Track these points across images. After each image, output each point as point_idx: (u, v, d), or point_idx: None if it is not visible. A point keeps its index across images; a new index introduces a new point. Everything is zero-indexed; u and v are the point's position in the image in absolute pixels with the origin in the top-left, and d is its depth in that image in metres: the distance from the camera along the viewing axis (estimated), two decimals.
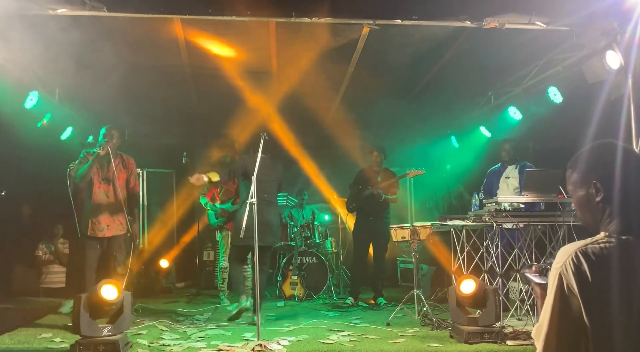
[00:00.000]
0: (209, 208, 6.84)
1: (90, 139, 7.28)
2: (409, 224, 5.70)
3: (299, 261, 7.17)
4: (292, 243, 7.45)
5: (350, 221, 7.47)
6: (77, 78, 6.30)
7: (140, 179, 8.39)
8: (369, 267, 6.94)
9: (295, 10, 4.46)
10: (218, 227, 6.85)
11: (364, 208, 6.71)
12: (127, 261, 5.37)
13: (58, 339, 4.40)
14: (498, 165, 6.35)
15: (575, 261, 1.50)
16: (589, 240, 1.57)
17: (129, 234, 5.49)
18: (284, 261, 7.33)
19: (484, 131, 7.81)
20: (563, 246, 1.63)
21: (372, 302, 6.63)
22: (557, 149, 5.97)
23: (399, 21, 4.67)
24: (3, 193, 8.18)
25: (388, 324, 5.06)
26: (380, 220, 6.66)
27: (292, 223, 7.99)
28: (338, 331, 4.77)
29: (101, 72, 6.18)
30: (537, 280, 1.81)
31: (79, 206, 5.59)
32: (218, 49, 5.77)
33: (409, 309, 5.51)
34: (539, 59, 6.04)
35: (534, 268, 1.93)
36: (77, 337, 3.93)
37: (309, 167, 8.83)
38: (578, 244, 1.55)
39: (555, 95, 6.03)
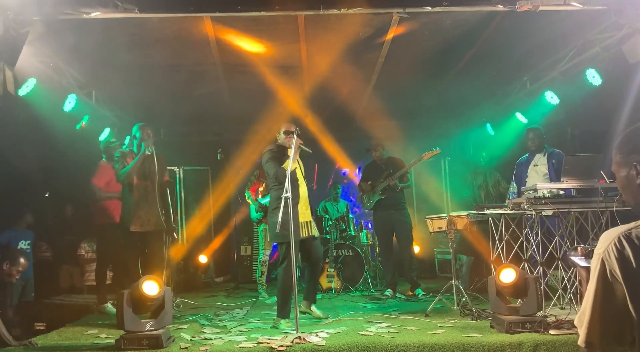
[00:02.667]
0: (250, 202, 6.96)
1: (127, 139, 7.49)
2: (445, 215, 5.64)
3: (334, 254, 7.18)
4: (328, 236, 7.46)
5: None
6: (113, 80, 6.47)
7: (177, 176, 8.56)
8: (398, 258, 6.88)
9: (324, 3, 4.44)
10: (257, 221, 6.94)
11: (382, 201, 6.67)
12: (164, 256, 5.49)
13: (103, 335, 4.52)
14: (526, 155, 6.26)
15: (618, 245, 1.45)
16: (632, 224, 1.51)
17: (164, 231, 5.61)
18: None
19: (520, 117, 7.64)
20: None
21: (410, 293, 6.59)
22: (597, 133, 5.81)
23: (429, 8, 4.60)
24: (47, 195, 8.45)
25: (427, 315, 5.02)
26: (399, 211, 6.64)
27: (327, 216, 8.01)
28: (376, 322, 4.76)
29: (135, 73, 6.32)
30: (583, 263, 1.77)
31: (108, 205, 5.77)
32: (248, 45, 5.80)
33: (448, 299, 5.46)
34: (576, 40, 5.86)
35: (579, 250, 1.88)
36: (122, 332, 4.02)
37: (342, 160, 8.83)
38: (621, 229, 1.50)
39: (594, 77, 5.84)
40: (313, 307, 5.22)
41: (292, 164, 4.68)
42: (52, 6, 4.23)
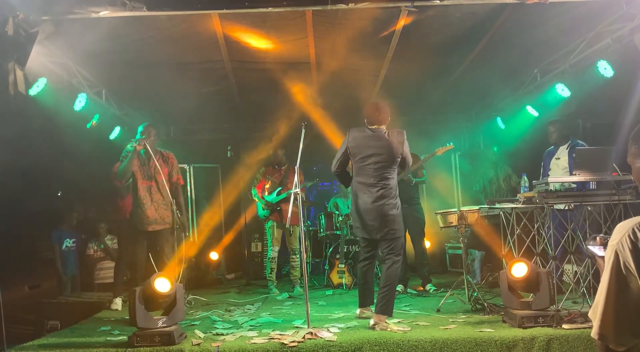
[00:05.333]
0: (257, 200, 6.97)
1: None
2: (455, 209, 5.61)
3: (345, 250, 7.17)
4: (338, 232, 7.46)
5: None
6: (122, 79, 6.51)
7: (187, 174, 8.60)
8: (411, 254, 6.86)
9: None
10: (265, 218, 6.95)
11: None
12: (174, 253, 5.53)
13: (116, 332, 4.56)
14: (552, 147, 6.19)
15: (632, 237, 1.44)
16: None
17: (177, 226, 5.64)
18: (331, 250, 7.36)
19: (531, 110, 7.58)
20: None
21: (421, 288, 6.57)
22: (609, 125, 5.74)
23: (438, 1, 4.57)
24: (59, 193, 8.51)
25: (438, 311, 5.01)
26: (412, 206, 6.59)
27: (337, 212, 8.00)
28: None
29: (145, 72, 6.35)
30: (601, 253, 1.75)
31: (127, 203, 5.81)
32: (256, 42, 5.80)
33: (459, 295, 5.44)
34: (587, 32, 5.79)
35: (598, 240, 1.85)
36: (134, 329, 4.05)
37: None
38: (635, 220, 1.48)
39: (605, 69, 5.77)
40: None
41: None
42: (61, 6, 4.26)
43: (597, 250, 1.77)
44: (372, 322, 4.36)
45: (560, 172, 5.88)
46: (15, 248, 6.45)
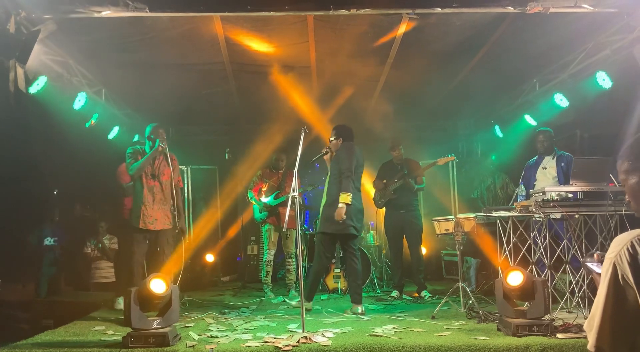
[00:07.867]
0: (254, 202, 6.96)
1: (136, 137, 7.54)
2: (452, 216, 5.62)
3: (341, 255, 7.16)
4: None
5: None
6: (122, 78, 6.51)
7: (185, 175, 8.59)
8: (407, 260, 6.87)
9: (334, 3, 4.44)
10: (262, 221, 6.94)
11: (394, 201, 6.68)
12: (178, 254, 5.53)
13: (110, 332, 4.54)
14: (535, 158, 6.24)
15: (630, 250, 1.44)
16: None
17: (176, 230, 5.64)
18: None
19: (529, 119, 7.61)
20: (615, 236, 1.57)
21: (416, 295, 6.57)
22: (607, 136, 5.77)
23: (439, 9, 4.58)
24: (55, 192, 8.49)
25: (433, 317, 5.00)
26: (410, 212, 6.64)
27: None
28: (383, 324, 4.75)
29: (145, 72, 6.35)
30: (598, 269, 1.75)
31: (128, 201, 5.80)
32: (257, 45, 5.82)
33: (454, 302, 5.44)
34: (586, 43, 5.84)
35: (596, 256, 1.86)
36: (129, 329, 4.03)
37: None
38: (634, 233, 1.49)
39: (604, 80, 5.81)
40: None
41: None
42: (63, 5, 4.27)
43: (594, 267, 1.78)
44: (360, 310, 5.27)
45: (550, 181, 5.91)
46: (10, 246, 6.43)
